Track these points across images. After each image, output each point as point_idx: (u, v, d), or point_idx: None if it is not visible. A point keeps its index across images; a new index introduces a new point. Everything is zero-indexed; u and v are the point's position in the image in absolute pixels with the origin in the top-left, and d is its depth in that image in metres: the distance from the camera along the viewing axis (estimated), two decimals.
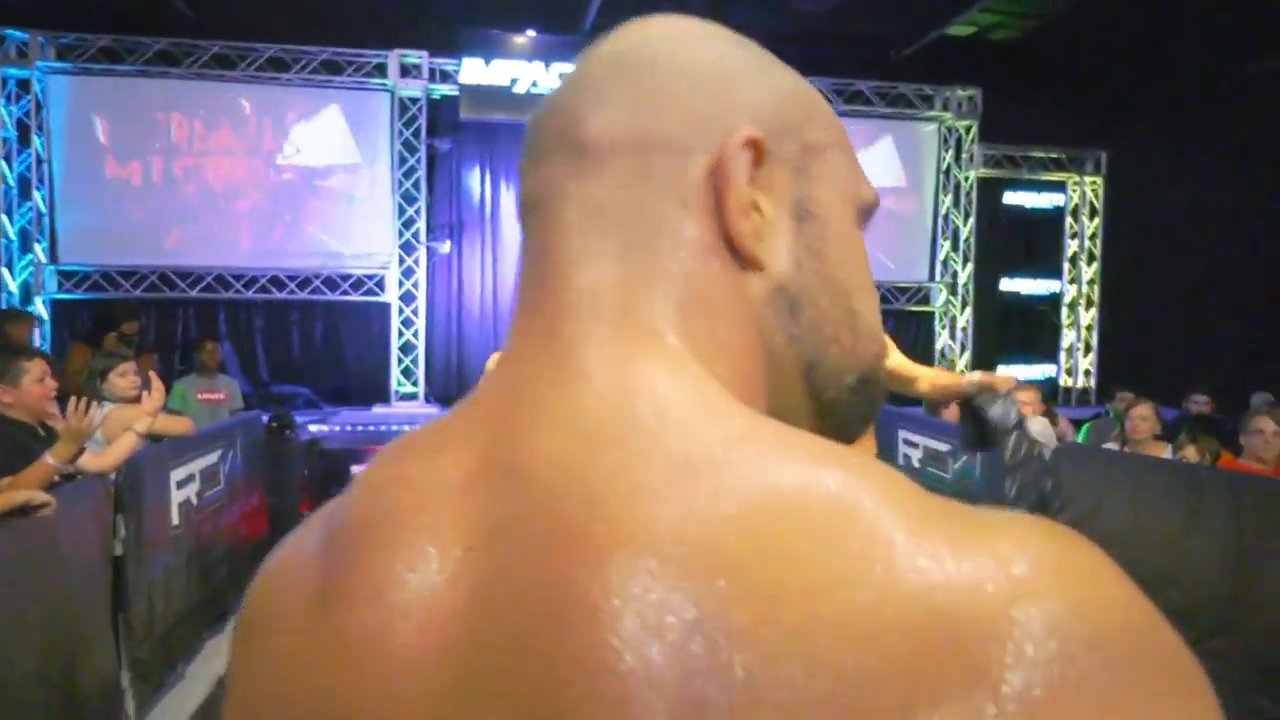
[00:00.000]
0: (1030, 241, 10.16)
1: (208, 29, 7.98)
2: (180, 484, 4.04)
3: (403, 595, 0.39)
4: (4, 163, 8.00)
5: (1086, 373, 10.11)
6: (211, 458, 4.46)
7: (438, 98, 8.71)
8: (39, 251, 8.08)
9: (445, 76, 8.57)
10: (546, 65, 8.47)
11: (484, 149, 9.07)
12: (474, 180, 9.12)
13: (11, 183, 8.04)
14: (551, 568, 0.35)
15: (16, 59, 7.93)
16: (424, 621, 0.38)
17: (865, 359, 0.50)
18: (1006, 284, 10.13)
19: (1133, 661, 0.32)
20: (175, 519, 3.95)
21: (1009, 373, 9.27)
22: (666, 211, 0.44)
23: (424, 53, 8.45)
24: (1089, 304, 10.10)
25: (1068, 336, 10.21)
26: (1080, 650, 0.31)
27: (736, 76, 0.47)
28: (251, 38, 8.08)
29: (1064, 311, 10.22)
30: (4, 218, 8.00)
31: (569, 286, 0.43)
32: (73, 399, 2.82)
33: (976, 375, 3.02)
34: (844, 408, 0.49)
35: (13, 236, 8.04)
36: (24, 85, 8.01)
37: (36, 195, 8.04)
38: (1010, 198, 9.98)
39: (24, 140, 8.05)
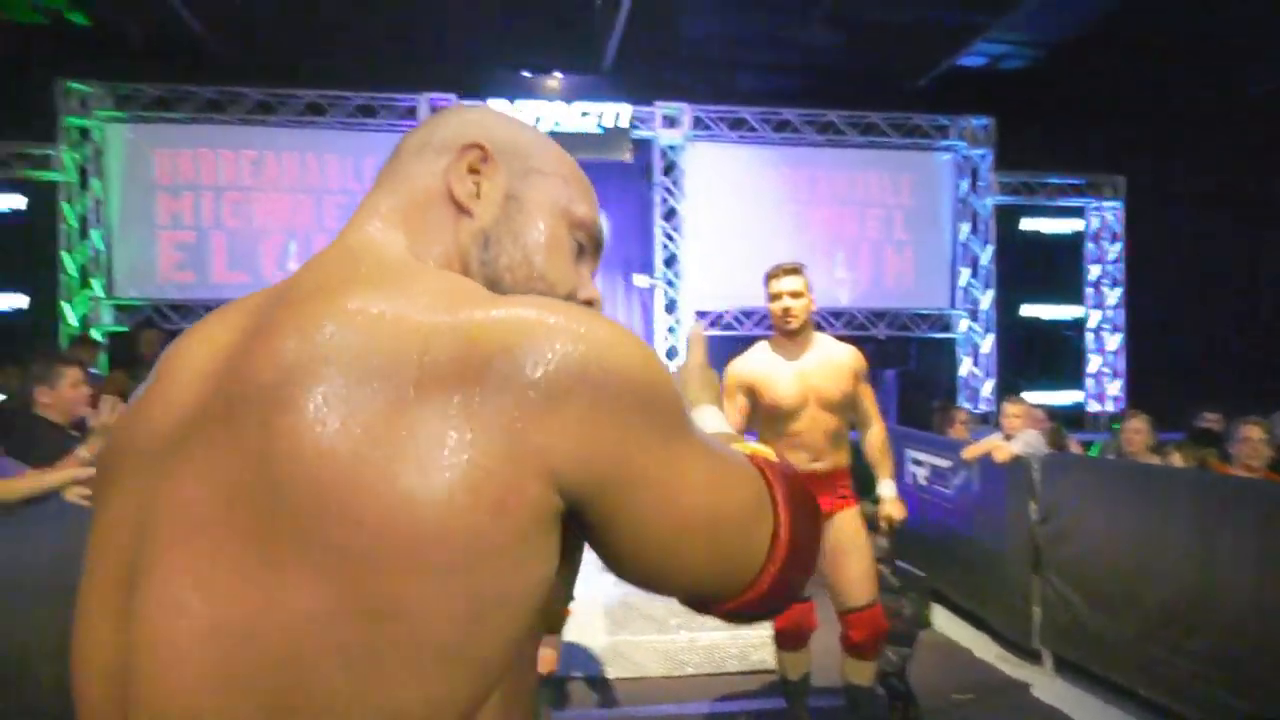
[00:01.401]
0: (1050, 267, 10.21)
1: (250, 74, 8.51)
2: None
3: (182, 376, 0.69)
4: (66, 205, 8.58)
5: (1115, 398, 10.08)
6: None
7: None
8: (96, 287, 8.62)
9: None
10: (568, 104, 8.85)
11: None
12: None
13: (73, 223, 8.61)
14: (275, 330, 0.64)
15: (79, 109, 8.53)
16: (193, 389, 0.67)
17: (534, 289, 0.79)
18: (1027, 309, 10.19)
19: (606, 383, 0.62)
20: None
21: (1033, 398, 9.32)
22: (424, 175, 0.79)
23: (453, 95, 8.88)
24: (1114, 329, 10.10)
25: (1093, 361, 10.20)
26: (552, 363, 0.61)
27: (490, 124, 0.83)
28: (291, 83, 8.61)
29: (1088, 337, 10.23)
30: (66, 255, 8.56)
31: (362, 208, 0.79)
32: (106, 397, 3.14)
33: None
34: None
35: (73, 273, 8.59)
36: (84, 133, 8.61)
37: (94, 235, 8.60)
38: (1027, 224, 10.07)
39: (84, 184, 8.63)
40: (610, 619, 4.45)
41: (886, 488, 3.47)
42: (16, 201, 8.88)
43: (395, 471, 0.56)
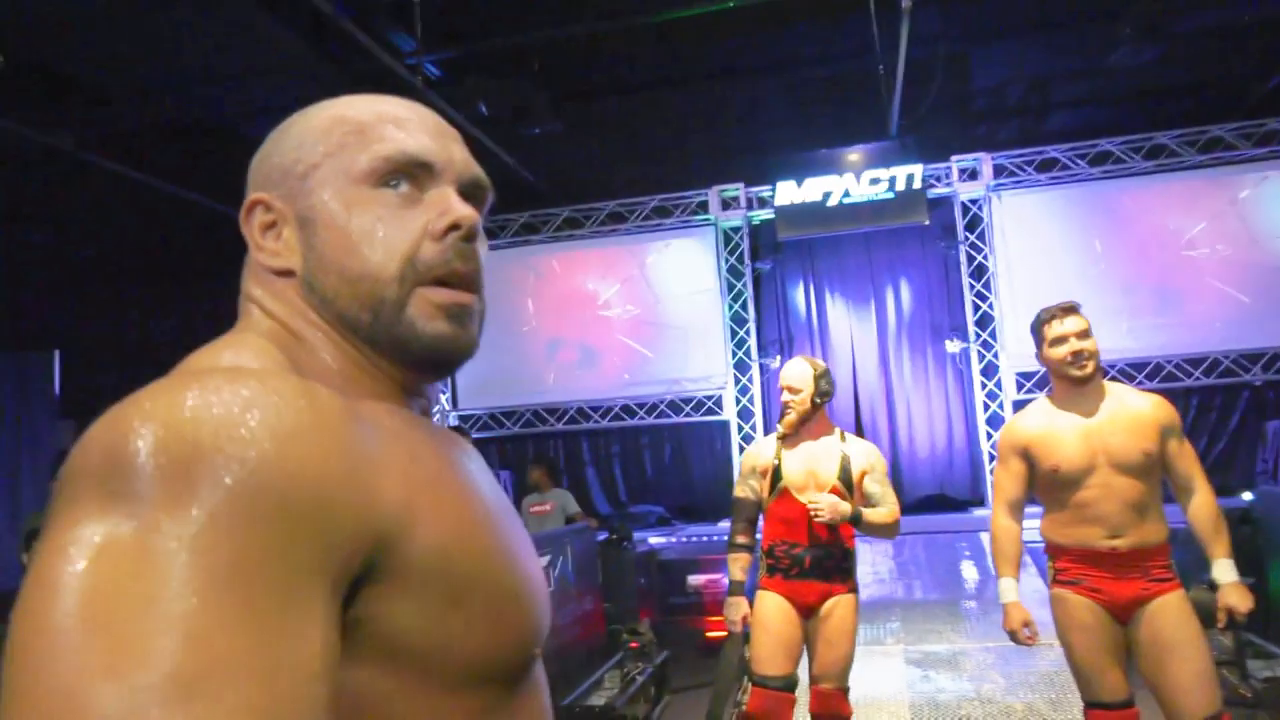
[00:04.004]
0: None
1: (556, 198, 9.35)
2: None
3: None
4: None
5: None
6: (540, 561, 5.02)
7: (757, 223, 9.25)
8: (442, 400, 9.74)
9: (762, 202, 9.10)
10: (857, 176, 8.64)
11: (804, 264, 9.40)
12: (798, 295, 9.44)
13: None
14: None
15: None
16: None
17: (365, 297, 0.71)
18: None
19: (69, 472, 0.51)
20: None
21: None
22: (250, 262, 0.75)
23: (740, 184, 9.08)
24: None
25: None
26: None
27: (260, 160, 0.75)
28: (593, 199, 9.33)
29: None
30: None
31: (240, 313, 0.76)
32: None
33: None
34: (380, 337, 0.71)
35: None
36: None
37: None
38: None
39: None
40: None
41: (1223, 570, 2.74)
42: None
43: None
